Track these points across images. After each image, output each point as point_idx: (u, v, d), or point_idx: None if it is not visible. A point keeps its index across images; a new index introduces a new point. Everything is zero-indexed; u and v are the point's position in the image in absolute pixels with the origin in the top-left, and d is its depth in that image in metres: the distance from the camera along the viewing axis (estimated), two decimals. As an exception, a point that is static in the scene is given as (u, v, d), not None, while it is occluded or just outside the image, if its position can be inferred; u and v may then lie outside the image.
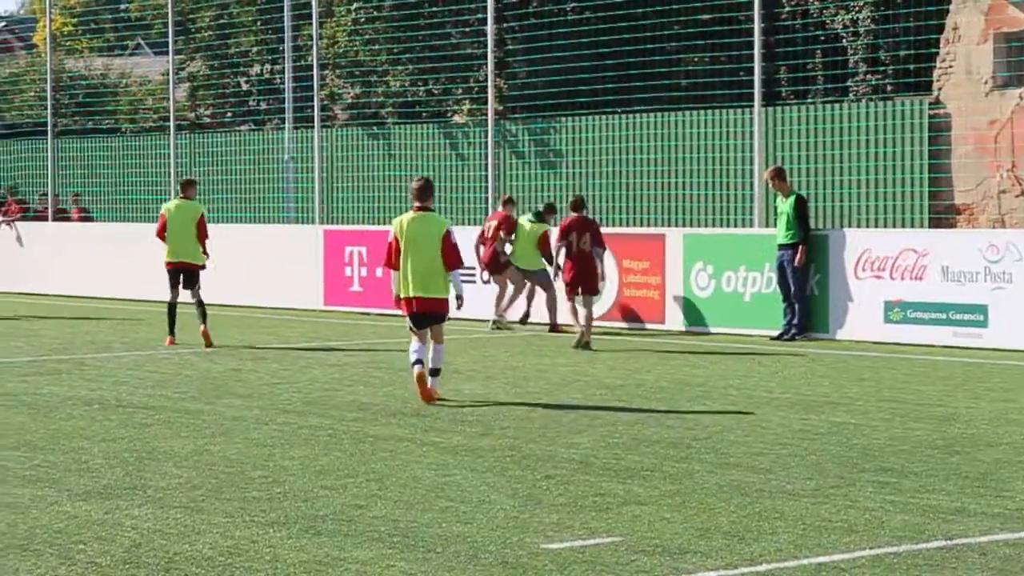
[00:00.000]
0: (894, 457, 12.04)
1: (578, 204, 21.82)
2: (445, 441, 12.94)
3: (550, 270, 22.92)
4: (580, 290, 21.24)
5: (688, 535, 9.29)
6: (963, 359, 19.32)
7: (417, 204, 15.63)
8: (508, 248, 23.91)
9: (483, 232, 24.24)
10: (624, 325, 23.58)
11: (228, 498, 10.48)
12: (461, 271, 15.74)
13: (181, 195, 22.19)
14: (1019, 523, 9.63)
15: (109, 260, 31.25)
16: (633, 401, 15.49)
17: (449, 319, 15.86)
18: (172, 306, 21.66)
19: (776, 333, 21.75)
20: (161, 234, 21.83)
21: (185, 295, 21.61)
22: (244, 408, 15.09)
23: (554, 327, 23.54)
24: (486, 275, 24.66)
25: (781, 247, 21.84)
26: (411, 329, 15.73)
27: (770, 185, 22.49)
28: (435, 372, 15.51)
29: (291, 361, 19.58)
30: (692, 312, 23.04)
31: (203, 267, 21.82)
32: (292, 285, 28.23)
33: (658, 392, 16.21)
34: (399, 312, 16.17)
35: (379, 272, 27.00)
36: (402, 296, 15.59)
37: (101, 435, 13.36)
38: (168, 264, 21.77)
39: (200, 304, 21.51)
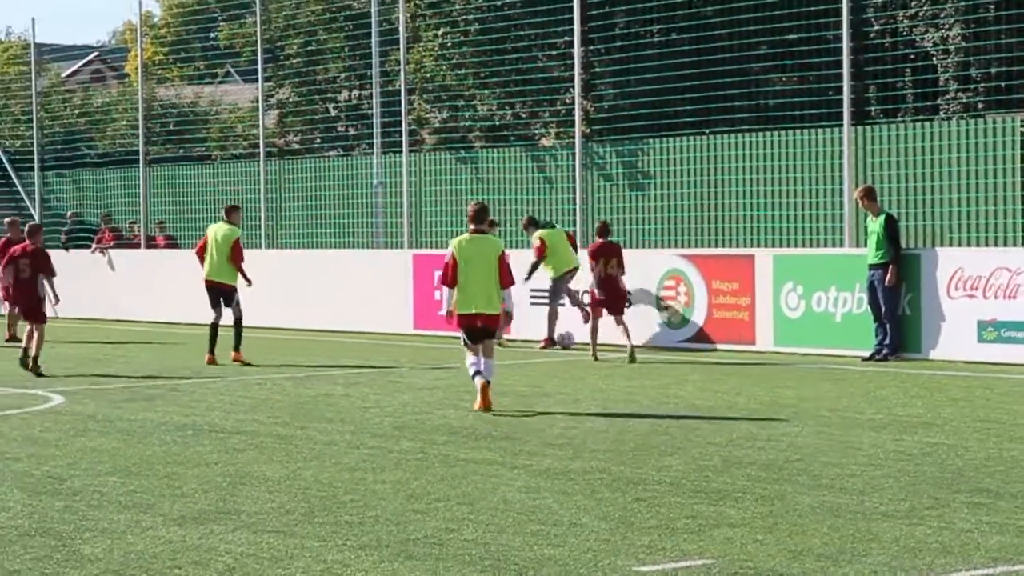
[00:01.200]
0: (989, 478, 11.90)
1: (604, 230, 22.95)
2: (535, 464, 12.94)
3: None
4: (609, 311, 22.57)
5: (781, 557, 9.23)
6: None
7: (473, 227, 16.70)
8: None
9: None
10: (714, 346, 23.49)
11: (320, 522, 10.52)
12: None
13: (224, 219, 23.34)
14: (1118, 544, 9.49)
15: (199, 287, 31.47)
16: (724, 422, 15.42)
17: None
18: (213, 326, 22.78)
19: (867, 354, 21.58)
20: (200, 253, 23.25)
21: (228, 315, 22.69)
22: (335, 432, 15.17)
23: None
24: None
25: (872, 267, 21.68)
26: (466, 344, 16.76)
27: (860, 205, 22.34)
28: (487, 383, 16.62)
29: (381, 385, 19.65)
30: (782, 332, 22.91)
31: (233, 287, 22.91)
32: (382, 310, 28.35)
33: (749, 413, 16.13)
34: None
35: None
36: (462, 312, 16.63)
37: (194, 460, 13.46)
38: (205, 282, 23.13)
39: (237, 323, 22.69)
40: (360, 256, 30.17)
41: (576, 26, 27.01)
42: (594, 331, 22.74)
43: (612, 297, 22.60)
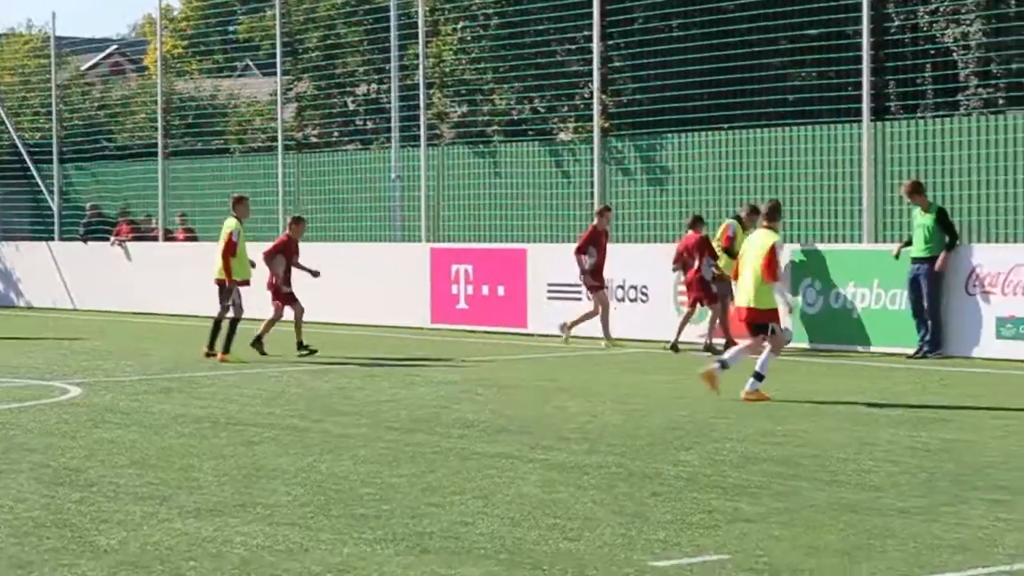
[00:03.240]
0: (1007, 475, 11.86)
1: (696, 223, 23.48)
2: (551, 458, 12.92)
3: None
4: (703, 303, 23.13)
5: (797, 553, 9.20)
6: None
7: (765, 223, 16.90)
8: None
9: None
10: (718, 341, 23.43)
11: (336, 515, 10.52)
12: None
13: (231, 212, 23.02)
14: None
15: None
16: (739, 418, 15.39)
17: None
18: (216, 320, 22.69)
19: (912, 351, 21.41)
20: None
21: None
22: (351, 426, 15.17)
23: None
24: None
25: (916, 261, 21.51)
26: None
27: (907, 200, 22.18)
28: (759, 377, 16.64)
29: (398, 379, 19.65)
30: (799, 328, 22.86)
31: (224, 283, 22.61)
32: (399, 303, 28.36)
33: (765, 408, 16.09)
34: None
35: (485, 290, 27.09)
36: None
37: (211, 453, 13.47)
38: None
39: (232, 322, 22.38)
40: (378, 250, 30.18)
41: (595, 20, 26.96)
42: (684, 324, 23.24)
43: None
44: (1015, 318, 20.73)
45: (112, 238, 35.11)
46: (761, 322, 16.59)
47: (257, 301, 23.94)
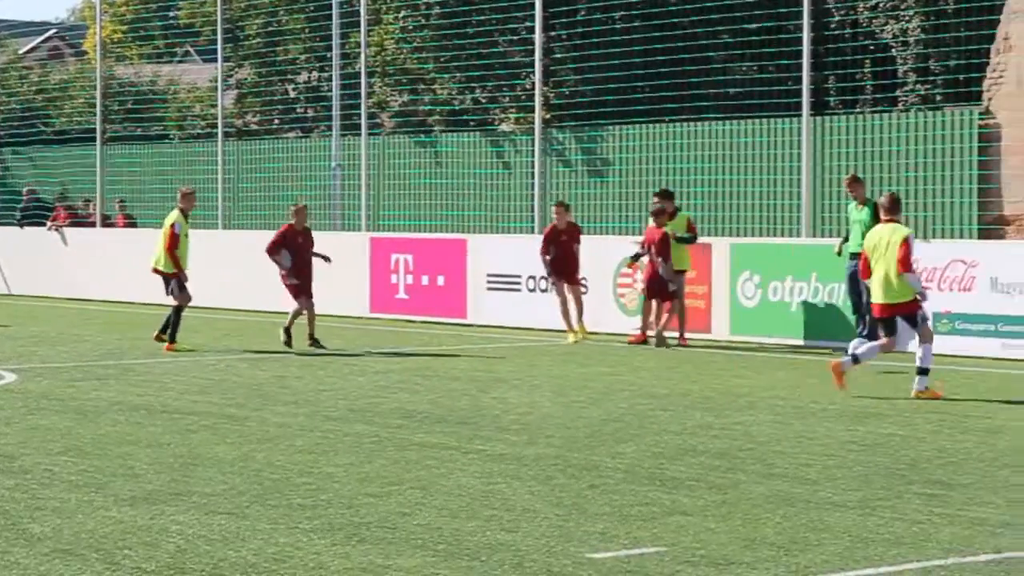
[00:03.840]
0: (942, 469, 11.95)
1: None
2: (490, 449, 12.92)
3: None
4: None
5: (734, 546, 9.23)
6: (1011, 371, 19.17)
7: (886, 217, 16.75)
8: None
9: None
10: (670, 334, 23.47)
11: (273, 505, 10.48)
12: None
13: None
14: (1069, 537, 9.54)
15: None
16: (678, 411, 15.43)
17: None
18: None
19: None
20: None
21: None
22: (289, 415, 15.11)
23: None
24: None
25: (853, 256, 21.60)
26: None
27: (848, 193, 22.26)
28: (924, 371, 16.45)
29: (336, 368, 19.59)
30: (738, 321, 22.95)
31: (166, 275, 22.18)
32: (338, 292, 28.27)
33: (704, 402, 16.14)
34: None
35: (425, 280, 27.04)
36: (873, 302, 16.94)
37: (147, 440, 13.39)
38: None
39: (174, 311, 22.06)
40: (317, 238, 30.02)
41: (538, 11, 26.95)
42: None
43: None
44: (951, 313, 20.88)
45: (49, 223, 34.83)
46: (906, 313, 16.57)
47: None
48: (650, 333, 22.70)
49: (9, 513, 10.16)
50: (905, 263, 16.43)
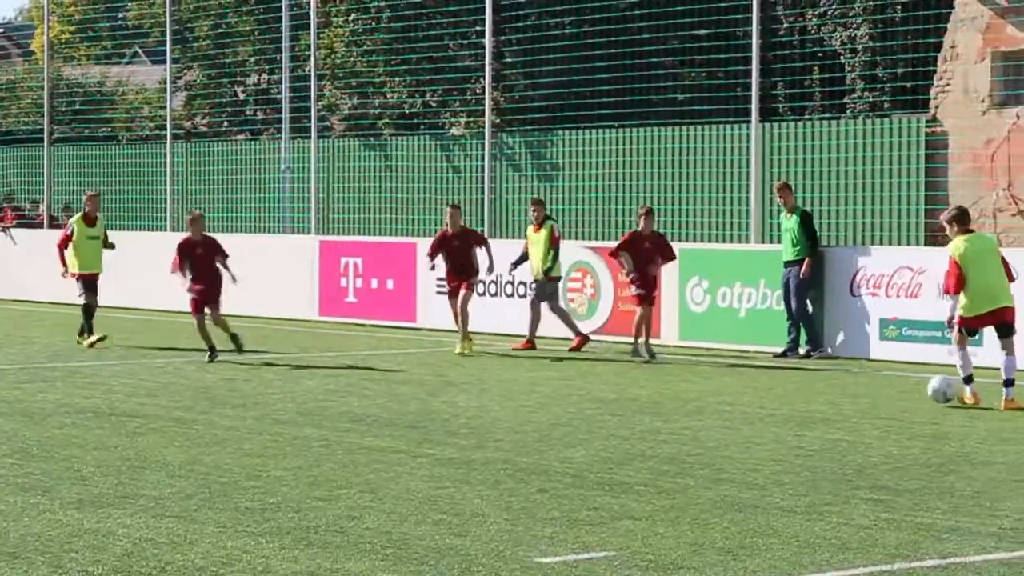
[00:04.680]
0: (888, 475, 12.02)
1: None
2: (438, 453, 12.91)
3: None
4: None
5: (682, 550, 9.26)
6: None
7: (962, 227, 16.53)
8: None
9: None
10: (618, 339, 23.54)
11: (221, 508, 10.45)
12: None
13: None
14: (1013, 542, 9.61)
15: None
16: (627, 416, 15.46)
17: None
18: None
19: (780, 350, 21.64)
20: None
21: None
22: (237, 418, 15.06)
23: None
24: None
25: (787, 264, 21.75)
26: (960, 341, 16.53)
27: (777, 199, 22.40)
28: (1010, 383, 16.14)
29: (285, 371, 19.54)
30: (687, 327, 23.01)
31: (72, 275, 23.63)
32: (287, 295, 28.21)
33: (652, 407, 16.18)
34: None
35: (375, 283, 27.00)
36: (973, 315, 16.38)
37: (94, 443, 13.32)
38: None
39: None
40: (266, 241, 29.98)
41: (488, 16, 26.97)
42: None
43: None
44: (898, 319, 21.00)
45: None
46: (1011, 319, 16.46)
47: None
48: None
49: (-46, 516, 10.10)
50: (1010, 271, 16.64)
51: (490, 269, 22.89)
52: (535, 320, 23.06)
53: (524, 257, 23.36)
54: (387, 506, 10.57)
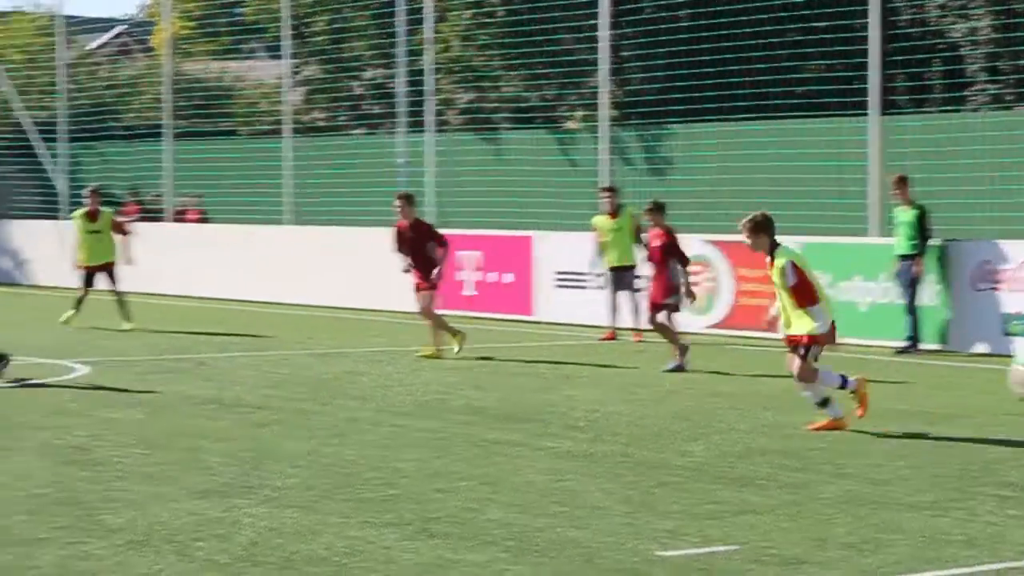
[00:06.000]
0: (1015, 471, 11.86)
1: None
2: (558, 446, 12.93)
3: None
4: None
5: (805, 546, 9.21)
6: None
7: None
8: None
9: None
10: (739, 334, 23.43)
11: (343, 499, 10.53)
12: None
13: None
14: None
15: (223, 261, 31.58)
16: (748, 410, 15.39)
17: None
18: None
19: (902, 346, 21.40)
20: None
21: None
22: (358, 410, 15.17)
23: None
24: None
25: (902, 257, 21.54)
26: None
27: (892, 192, 22.17)
28: None
29: (404, 364, 19.64)
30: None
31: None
32: (404, 288, 28.32)
33: (773, 401, 16.09)
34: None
35: (492, 277, 27.07)
36: None
37: (218, 434, 13.48)
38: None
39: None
40: (383, 235, 30.09)
41: (604, 9, 26.91)
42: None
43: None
44: (1022, 314, 20.72)
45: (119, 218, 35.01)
46: None
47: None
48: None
49: (84, 504, 10.26)
50: None
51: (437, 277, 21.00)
52: (620, 309, 22.99)
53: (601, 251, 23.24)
54: (507, 498, 10.61)
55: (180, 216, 34.90)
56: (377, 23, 35.79)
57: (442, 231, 28.15)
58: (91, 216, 25.31)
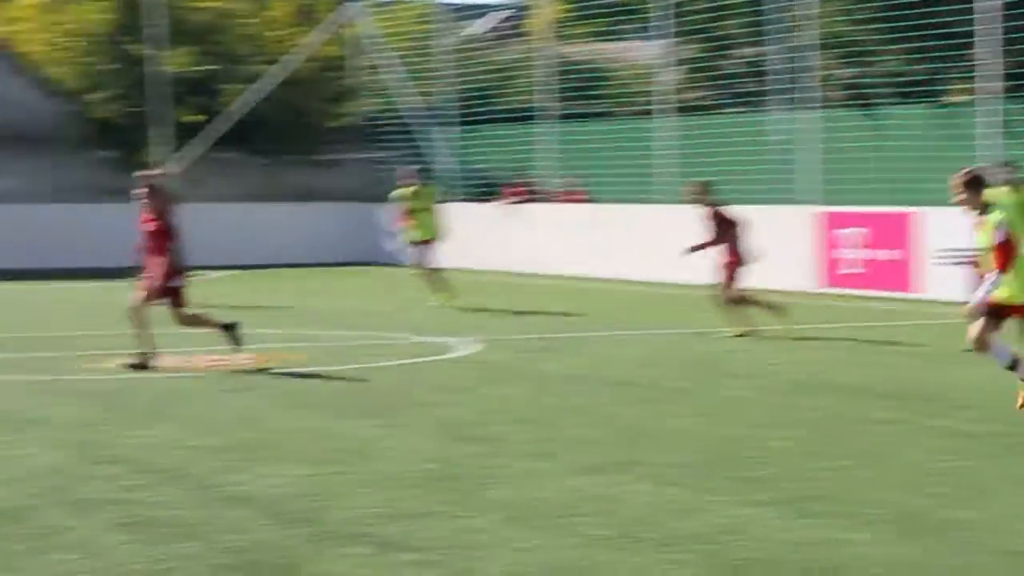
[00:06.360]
0: None
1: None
2: (940, 425, 12.63)
3: None
4: None
5: None
6: None
7: None
8: None
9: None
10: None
11: (723, 477, 10.51)
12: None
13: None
14: None
15: (606, 242, 31.97)
16: None
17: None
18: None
19: None
20: None
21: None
22: (737, 388, 15.12)
23: None
24: None
25: None
26: None
27: None
28: None
29: (784, 342, 19.46)
30: None
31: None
32: (786, 267, 28.08)
33: None
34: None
35: (875, 254, 26.65)
36: None
37: (596, 411, 13.61)
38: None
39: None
40: (764, 212, 29.87)
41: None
42: None
43: None
44: None
45: (502, 200, 35.78)
46: None
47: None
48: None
49: (467, 479, 10.50)
50: None
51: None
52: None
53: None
54: (889, 477, 10.41)
55: (566, 197, 35.40)
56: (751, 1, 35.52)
57: (822, 208, 27.66)
58: (416, 195, 26.32)
